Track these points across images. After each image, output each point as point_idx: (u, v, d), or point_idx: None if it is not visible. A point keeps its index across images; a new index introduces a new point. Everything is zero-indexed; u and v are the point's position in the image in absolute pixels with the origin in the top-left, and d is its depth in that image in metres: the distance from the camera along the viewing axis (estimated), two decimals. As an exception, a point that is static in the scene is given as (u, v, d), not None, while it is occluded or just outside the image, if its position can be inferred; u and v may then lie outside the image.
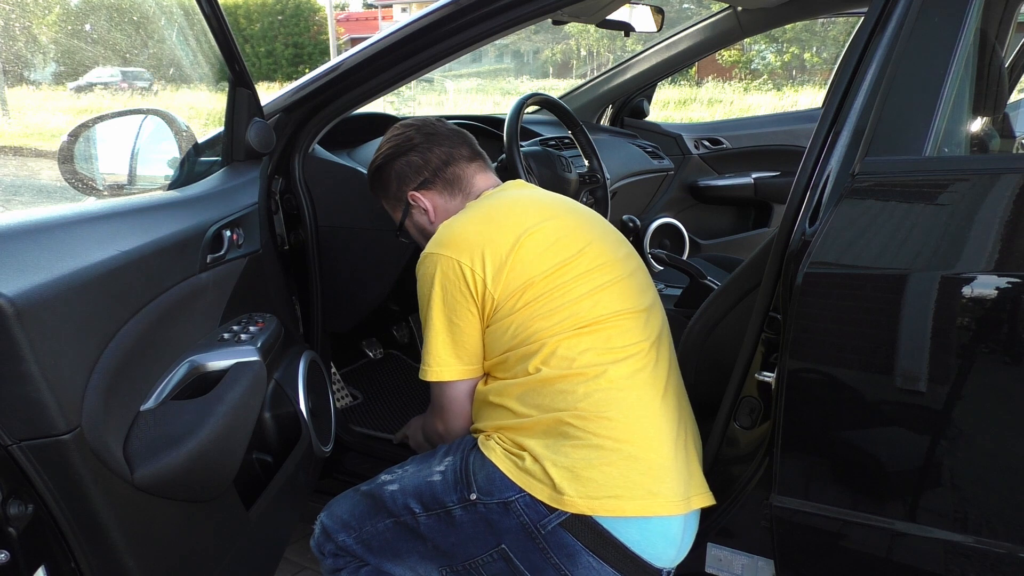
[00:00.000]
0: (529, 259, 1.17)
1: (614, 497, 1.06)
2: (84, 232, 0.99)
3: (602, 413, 1.10)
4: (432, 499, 1.15)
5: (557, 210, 1.26)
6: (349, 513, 1.24)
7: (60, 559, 0.90)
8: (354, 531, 1.23)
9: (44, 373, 0.82)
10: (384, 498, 1.20)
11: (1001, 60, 1.44)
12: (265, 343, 1.22)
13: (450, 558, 1.16)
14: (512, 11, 1.37)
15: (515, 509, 1.09)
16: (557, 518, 1.07)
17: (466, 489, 1.12)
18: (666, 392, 1.18)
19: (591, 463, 1.08)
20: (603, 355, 1.14)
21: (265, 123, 1.50)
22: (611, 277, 1.20)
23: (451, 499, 1.13)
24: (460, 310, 1.17)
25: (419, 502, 1.16)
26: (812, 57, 16.49)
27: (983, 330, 0.97)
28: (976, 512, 1.03)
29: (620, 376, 1.13)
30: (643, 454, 1.10)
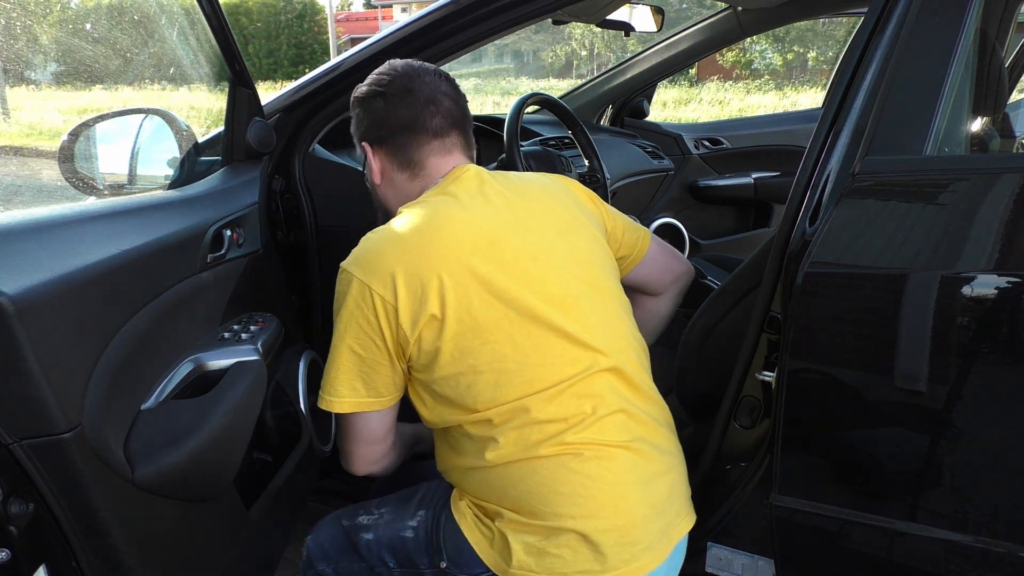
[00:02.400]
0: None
1: (580, 573, 1.01)
2: (85, 231, 0.99)
3: (558, 489, 1.03)
4: (405, 557, 1.12)
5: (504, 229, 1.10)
6: (330, 543, 1.21)
7: (61, 558, 0.90)
8: (332, 563, 1.20)
9: (45, 372, 0.82)
10: (360, 545, 1.17)
11: (1001, 60, 1.44)
12: (265, 343, 1.23)
13: None
14: (512, 11, 1.37)
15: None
16: None
17: (436, 555, 1.09)
18: (626, 428, 1.08)
19: (557, 544, 1.01)
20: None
21: (265, 123, 1.50)
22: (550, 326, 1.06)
23: (422, 561, 1.10)
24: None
25: (392, 556, 1.13)
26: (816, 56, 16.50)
27: (983, 330, 0.97)
28: (976, 511, 1.03)
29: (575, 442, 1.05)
30: (610, 525, 1.02)
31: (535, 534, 1.02)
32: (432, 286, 1.02)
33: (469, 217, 1.09)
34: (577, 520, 1.00)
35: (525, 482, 1.03)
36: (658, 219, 2.75)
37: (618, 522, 1.01)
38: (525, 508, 1.03)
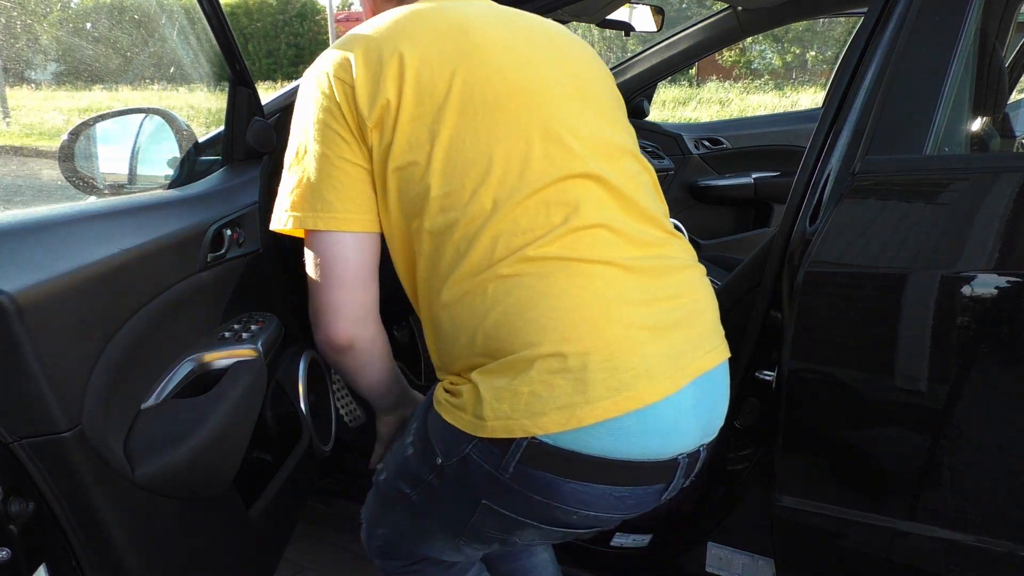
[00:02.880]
0: None
1: (561, 408, 0.86)
2: (85, 230, 0.99)
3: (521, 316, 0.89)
4: (414, 476, 1.03)
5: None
6: (370, 511, 1.19)
7: (61, 557, 0.90)
8: (382, 526, 1.16)
9: (45, 370, 0.82)
10: (381, 490, 1.14)
11: (1001, 60, 1.44)
12: (266, 342, 1.23)
13: (454, 527, 1.03)
14: (512, 10, 1.37)
15: (472, 461, 0.93)
16: (512, 456, 0.89)
17: (432, 455, 0.98)
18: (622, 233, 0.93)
19: (528, 380, 0.87)
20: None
21: (265, 122, 1.50)
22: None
23: (425, 471, 1.00)
24: None
25: (406, 482, 1.05)
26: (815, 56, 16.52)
27: (983, 329, 0.97)
28: (976, 511, 1.03)
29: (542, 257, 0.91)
30: (587, 347, 0.87)
31: (504, 374, 0.88)
32: (391, 63, 0.92)
33: (442, 8, 0.99)
34: (545, 346, 0.86)
35: (489, 315, 0.90)
36: (658, 219, 2.75)
37: (597, 343, 0.87)
38: (493, 348, 0.90)
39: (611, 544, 1.44)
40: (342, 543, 1.90)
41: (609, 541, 1.45)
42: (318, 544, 1.90)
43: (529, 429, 0.87)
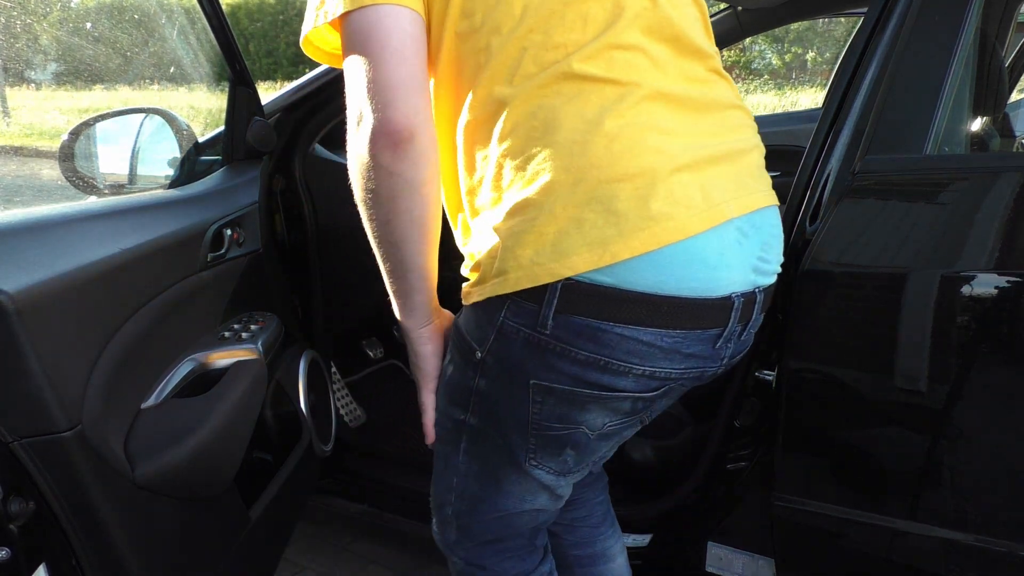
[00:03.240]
0: None
1: (591, 245, 0.77)
2: (85, 230, 0.99)
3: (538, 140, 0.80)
4: (461, 392, 0.93)
5: None
6: (435, 487, 1.07)
7: (61, 556, 0.90)
8: (449, 495, 1.03)
9: (45, 370, 0.82)
10: (439, 445, 1.02)
11: (1001, 60, 1.44)
12: (266, 342, 1.23)
13: (517, 440, 0.92)
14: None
15: (508, 331, 0.84)
16: (548, 307, 0.80)
17: (470, 354, 0.89)
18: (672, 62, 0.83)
19: (552, 217, 0.79)
20: None
21: (265, 122, 1.50)
22: None
23: (469, 377, 0.91)
24: None
25: (456, 407, 0.95)
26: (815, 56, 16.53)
27: (983, 329, 0.97)
28: (976, 511, 1.03)
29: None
30: (618, 173, 0.78)
31: (525, 214, 0.80)
32: None
33: None
34: (571, 174, 0.78)
35: (510, 140, 0.81)
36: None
37: (629, 172, 0.78)
38: (511, 182, 0.82)
39: (611, 544, 1.44)
40: (342, 543, 1.90)
41: (609, 541, 1.45)
42: (318, 544, 1.90)
43: (558, 272, 0.78)
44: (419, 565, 1.81)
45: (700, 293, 0.80)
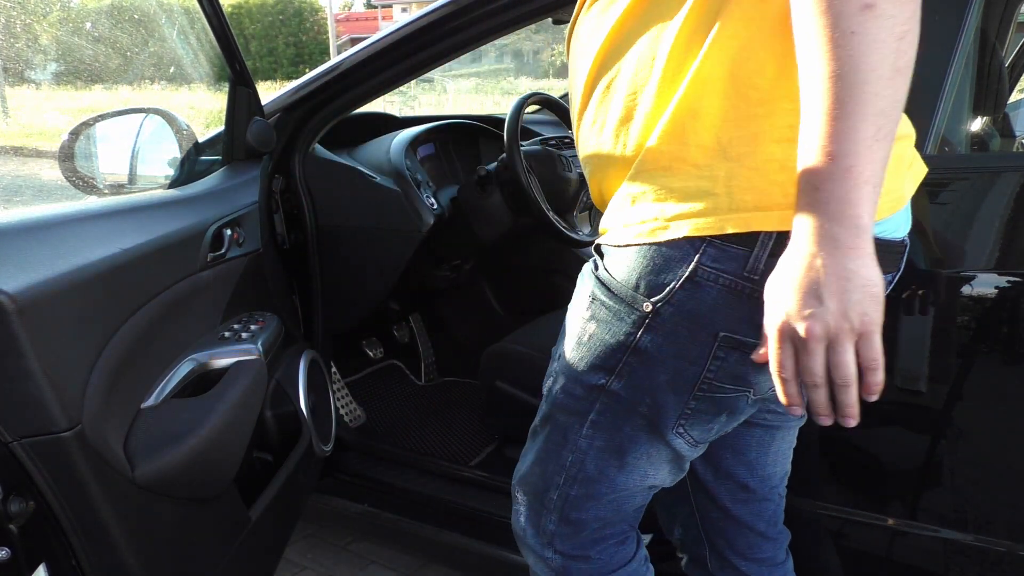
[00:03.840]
0: None
1: None
2: (85, 230, 0.99)
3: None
4: (610, 354, 0.83)
5: None
6: (536, 473, 0.96)
7: (61, 556, 0.90)
8: (557, 478, 0.93)
9: (45, 370, 0.82)
10: (559, 409, 0.91)
11: (1001, 60, 1.44)
12: (266, 342, 1.23)
13: (677, 398, 0.82)
14: (512, 11, 1.37)
15: (703, 275, 0.75)
16: (764, 248, 0.72)
17: (633, 306, 0.80)
18: None
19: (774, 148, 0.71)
20: None
21: (265, 122, 1.50)
22: None
23: (628, 334, 0.81)
24: None
25: (597, 370, 0.85)
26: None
27: (983, 329, 0.97)
28: (976, 511, 1.03)
29: None
30: None
31: (759, 144, 0.72)
32: None
33: None
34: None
35: (750, 53, 0.72)
36: (658, 219, 2.74)
37: None
38: (753, 106, 0.73)
39: (611, 544, 1.44)
40: (342, 543, 1.90)
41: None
42: (318, 544, 1.90)
43: (784, 222, 0.68)
44: (419, 565, 1.81)
45: (888, 234, 0.76)
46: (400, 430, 1.99)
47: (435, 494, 1.64)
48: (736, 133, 0.73)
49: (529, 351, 1.72)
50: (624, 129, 0.80)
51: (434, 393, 2.28)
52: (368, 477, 1.72)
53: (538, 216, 1.77)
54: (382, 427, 2.01)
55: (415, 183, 1.70)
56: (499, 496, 1.61)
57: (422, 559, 1.81)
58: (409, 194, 1.66)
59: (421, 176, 1.78)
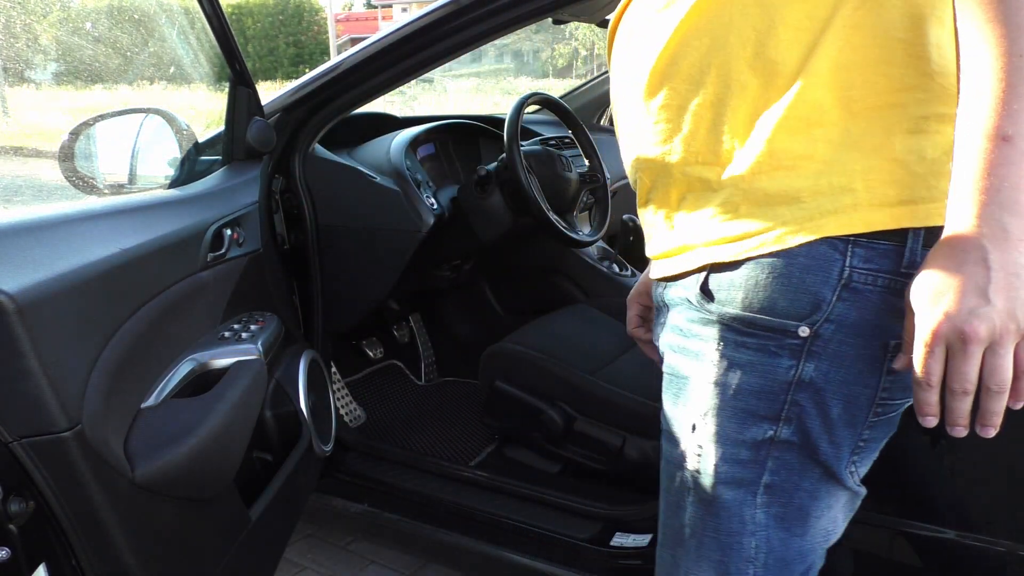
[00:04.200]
0: None
1: None
2: (85, 230, 0.99)
3: None
4: (766, 398, 0.71)
5: None
6: (712, 561, 0.79)
7: (61, 556, 0.90)
8: (751, 564, 0.77)
9: (45, 370, 0.82)
10: (721, 480, 0.75)
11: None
12: (266, 342, 1.23)
13: (850, 430, 0.72)
14: (512, 11, 1.37)
15: (858, 282, 0.67)
16: (916, 240, 0.66)
17: (779, 337, 0.69)
18: None
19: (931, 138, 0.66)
20: None
21: (265, 122, 1.50)
22: None
23: (784, 367, 0.69)
24: None
25: (759, 423, 0.72)
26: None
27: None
28: (976, 511, 1.03)
29: None
30: None
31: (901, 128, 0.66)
32: None
33: None
34: None
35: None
36: (658, 219, 2.74)
37: None
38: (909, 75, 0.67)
39: (611, 544, 1.44)
40: (342, 543, 1.90)
41: (609, 541, 1.45)
42: (318, 544, 1.90)
43: (931, 217, 0.64)
44: (419, 565, 1.81)
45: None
46: (400, 430, 1.99)
47: (435, 494, 1.64)
48: (866, 126, 0.67)
49: (529, 351, 1.72)
50: (716, 129, 0.71)
51: (434, 393, 2.28)
52: (368, 477, 1.72)
53: (538, 216, 1.77)
54: (382, 427, 2.01)
55: (415, 183, 1.70)
56: (499, 496, 1.61)
57: (422, 559, 1.81)
58: (409, 194, 1.66)
59: (421, 176, 1.78)
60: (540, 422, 1.67)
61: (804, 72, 0.67)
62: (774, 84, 0.68)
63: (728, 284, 0.71)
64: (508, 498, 1.60)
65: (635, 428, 1.57)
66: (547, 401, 1.67)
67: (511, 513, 1.55)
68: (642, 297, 1.06)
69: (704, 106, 0.71)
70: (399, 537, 1.68)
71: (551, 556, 1.47)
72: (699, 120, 0.72)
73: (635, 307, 1.08)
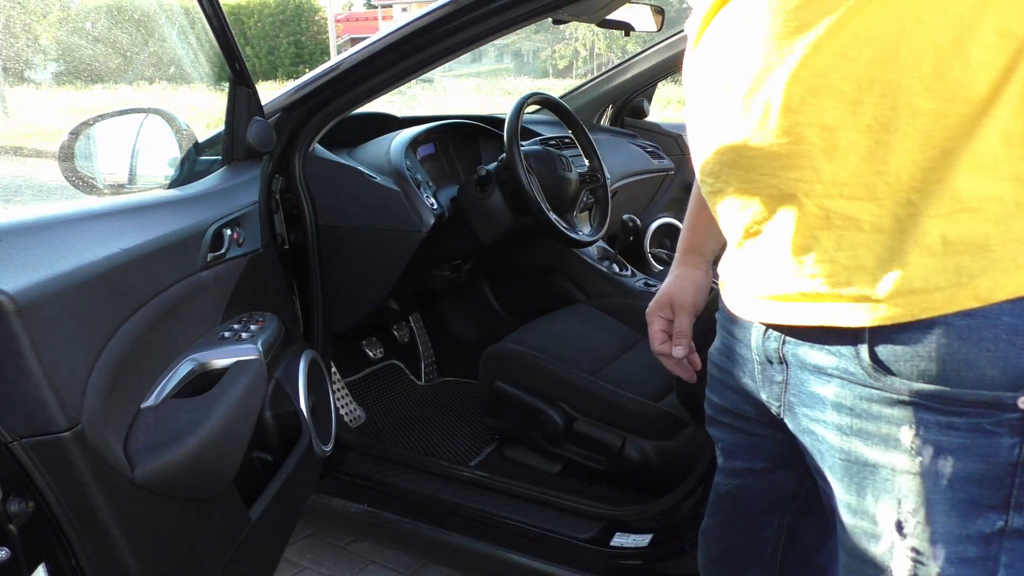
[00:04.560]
0: None
1: None
2: (85, 230, 0.99)
3: None
4: (989, 485, 0.60)
5: None
6: None
7: (60, 556, 0.90)
8: None
9: (45, 370, 0.82)
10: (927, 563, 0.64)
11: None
12: (266, 342, 1.23)
13: None
14: (512, 11, 1.37)
15: None
16: None
17: (996, 409, 0.58)
18: None
19: None
20: None
21: (265, 122, 1.50)
22: None
23: (1006, 447, 0.59)
24: None
25: (984, 512, 0.61)
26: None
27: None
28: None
29: None
30: None
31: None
32: None
33: None
34: None
35: None
36: (658, 219, 2.75)
37: None
38: None
39: (611, 544, 1.44)
40: (342, 543, 1.90)
41: (609, 541, 1.45)
42: (318, 544, 1.90)
43: None
44: (419, 565, 1.81)
45: None
46: (400, 430, 1.99)
47: (435, 494, 1.64)
48: None
49: (529, 351, 1.72)
50: (873, 159, 0.60)
51: (434, 393, 2.28)
52: (368, 477, 1.72)
53: (538, 216, 1.77)
54: (382, 427, 2.01)
55: (415, 183, 1.70)
56: (499, 496, 1.61)
57: (422, 559, 1.81)
58: (409, 194, 1.66)
59: (421, 176, 1.78)
60: (540, 422, 1.67)
61: (995, 99, 0.57)
62: (955, 111, 0.57)
63: (912, 353, 0.60)
64: (508, 498, 1.60)
65: (635, 428, 1.57)
66: (547, 401, 1.67)
67: (511, 513, 1.55)
68: (664, 310, 0.99)
69: (859, 130, 0.60)
70: (399, 537, 1.68)
71: (551, 556, 1.47)
72: (851, 146, 0.60)
73: (658, 322, 0.99)
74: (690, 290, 0.98)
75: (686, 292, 0.98)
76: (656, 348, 1.00)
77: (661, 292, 1.00)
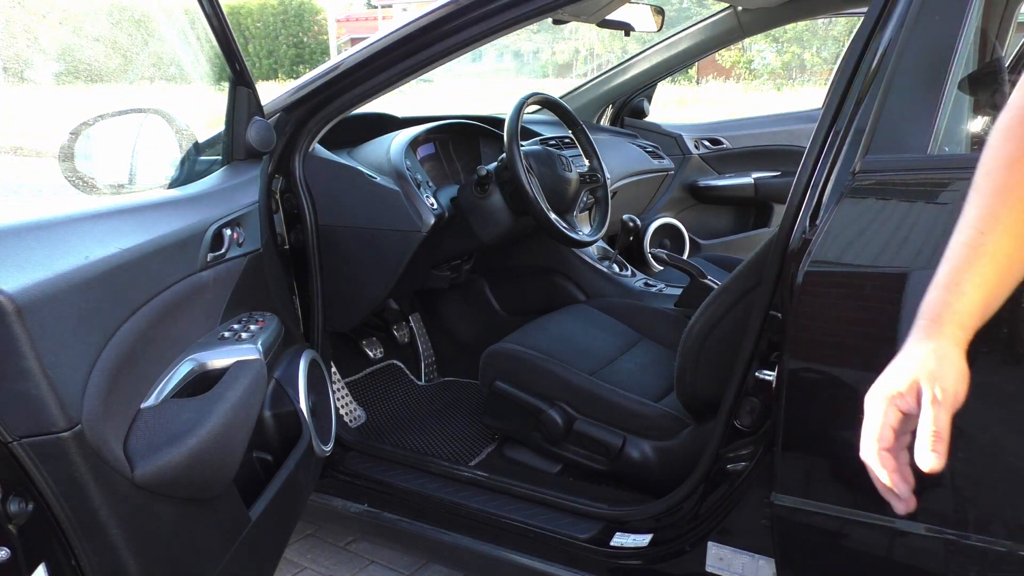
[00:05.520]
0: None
1: None
2: (85, 230, 0.99)
3: None
4: None
5: None
6: None
7: (60, 556, 0.90)
8: None
9: (45, 370, 0.82)
10: None
11: (1001, 60, 1.44)
12: (266, 342, 1.23)
13: None
14: (512, 11, 1.37)
15: None
16: None
17: None
18: None
19: None
20: None
21: (265, 122, 1.50)
22: None
23: None
24: None
25: None
26: (813, 56, 16.55)
27: (983, 329, 0.97)
28: (976, 511, 1.03)
29: None
30: None
31: None
32: None
33: None
34: None
35: None
36: (658, 219, 2.75)
37: None
38: None
39: (611, 544, 1.44)
40: (342, 543, 1.90)
41: (609, 541, 1.45)
42: (318, 544, 1.90)
43: None
44: (419, 565, 1.81)
45: None
46: (400, 430, 1.99)
47: (435, 494, 1.64)
48: None
49: (529, 351, 1.72)
50: None
51: (434, 393, 2.28)
52: (368, 477, 1.72)
53: (538, 216, 1.77)
54: (382, 427, 2.01)
55: (415, 183, 1.70)
56: (499, 496, 1.61)
57: (422, 559, 1.81)
58: (409, 194, 1.66)
59: (421, 176, 1.78)
60: (540, 422, 1.67)
61: None
62: None
63: None
64: (508, 498, 1.60)
65: (635, 428, 1.57)
66: (547, 401, 1.67)
67: (511, 513, 1.55)
68: (906, 398, 0.73)
69: None
70: (399, 537, 1.68)
71: (551, 556, 1.47)
72: None
73: (892, 413, 0.74)
74: (953, 376, 0.72)
75: (948, 377, 0.71)
76: (878, 446, 0.75)
77: (901, 371, 0.74)
